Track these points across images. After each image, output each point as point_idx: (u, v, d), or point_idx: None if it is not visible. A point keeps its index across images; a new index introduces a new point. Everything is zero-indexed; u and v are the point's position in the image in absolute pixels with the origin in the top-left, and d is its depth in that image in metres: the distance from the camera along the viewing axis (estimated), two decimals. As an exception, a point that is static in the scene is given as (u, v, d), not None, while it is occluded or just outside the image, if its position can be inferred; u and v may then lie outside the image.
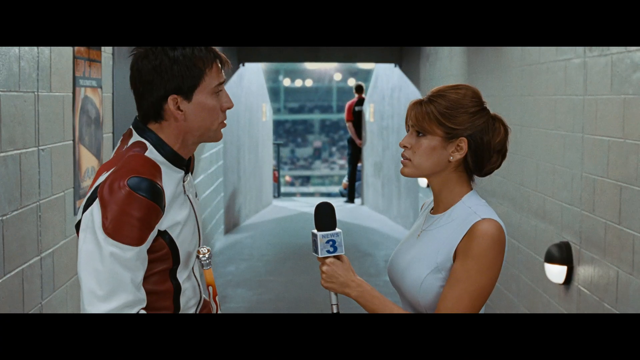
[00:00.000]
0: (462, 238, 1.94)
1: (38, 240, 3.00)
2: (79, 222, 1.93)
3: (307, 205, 13.17)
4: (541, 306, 4.62)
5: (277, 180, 15.04)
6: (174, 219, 1.95)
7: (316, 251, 2.01)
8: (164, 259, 1.96)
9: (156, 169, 1.92)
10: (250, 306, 6.50)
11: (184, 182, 2.03)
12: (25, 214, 2.86)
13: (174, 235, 1.96)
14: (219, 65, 2.00)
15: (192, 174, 2.19)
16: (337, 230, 2.02)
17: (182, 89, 1.95)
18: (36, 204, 2.98)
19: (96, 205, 1.86)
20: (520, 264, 5.03)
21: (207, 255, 2.05)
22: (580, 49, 4.01)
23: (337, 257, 2.02)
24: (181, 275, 2.02)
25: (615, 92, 3.57)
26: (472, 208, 1.98)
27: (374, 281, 7.13)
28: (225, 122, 2.04)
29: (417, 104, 2.03)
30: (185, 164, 2.04)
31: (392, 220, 11.10)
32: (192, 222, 2.05)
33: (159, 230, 1.92)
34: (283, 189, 16.05)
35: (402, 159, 2.04)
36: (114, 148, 4.14)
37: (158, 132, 1.98)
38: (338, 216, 2.05)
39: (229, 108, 2.03)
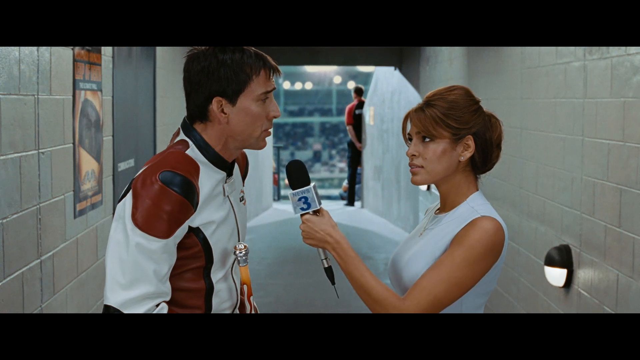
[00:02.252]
0: (459, 231, 1.96)
1: (38, 243, 3.00)
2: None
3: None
4: (541, 309, 4.62)
5: (277, 183, 15.04)
6: (208, 217, 1.97)
7: (295, 211, 2.00)
8: (197, 256, 1.98)
9: (194, 166, 1.95)
10: (250, 309, 6.48)
11: (225, 183, 2.05)
12: (25, 217, 2.86)
13: (207, 233, 1.98)
14: (268, 73, 2.01)
15: (244, 178, 2.22)
16: (308, 186, 1.99)
17: (226, 92, 1.97)
18: (36, 207, 2.97)
19: (129, 197, 1.90)
20: (520, 266, 5.03)
21: (243, 252, 2.04)
22: (580, 52, 4.01)
23: (317, 212, 2.00)
24: (215, 275, 2.03)
25: (615, 95, 3.57)
26: (475, 207, 2.00)
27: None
28: (270, 130, 2.05)
29: (418, 110, 2.04)
30: (228, 167, 2.06)
31: (392, 223, 11.10)
32: (230, 224, 2.06)
33: (191, 227, 1.94)
34: (283, 192, 16.05)
35: (411, 168, 2.04)
36: (113, 151, 4.15)
37: (202, 132, 2.01)
38: (338, 219, 2.05)
39: (275, 117, 2.04)
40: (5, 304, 2.66)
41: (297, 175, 2.01)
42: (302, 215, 1.99)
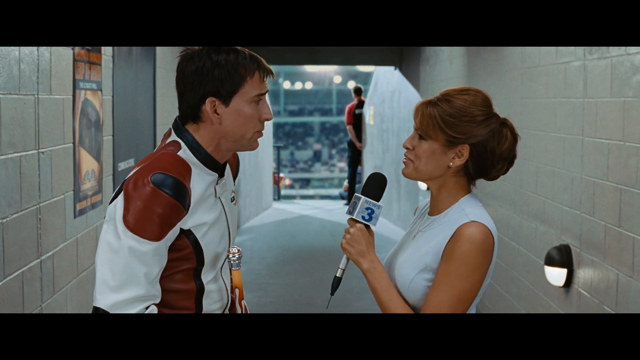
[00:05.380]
0: (449, 240, 1.93)
1: (38, 243, 3.00)
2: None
3: (307, 208, 13.16)
4: (541, 309, 4.62)
5: (277, 183, 15.04)
6: (200, 219, 1.97)
7: (352, 212, 2.02)
8: (188, 258, 1.98)
9: (186, 168, 1.94)
10: (250, 309, 6.45)
11: (216, 185, 2.04)
12: (25, 217, 2.86)
13: (198, 235, 1.97)
14: (262, 75, 2.01)
15: (235, 178, 2.22)
16: (380, 203, 2.03)
17: (220, 92, 1.97)
18: (36, 207, 2.97)
19: (120, 198, 1.89)
20: (520, 266, 5.03)
21: (237, 256, 2.05)
22: (580, 51, 4.01)
23: (367, 228, 2.02)
24: (206, 276, 2.03)
25: (615, 95, 3.57)
26: (465, 210, 1.97)
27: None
28: (262, 132, 2.05)
29: (425, 104, 2.00)
30: (220, 168, 2.05)
31: (392, 223, 11.10)
32: (221, 225, 2.06)
33: (182, 229, 1.94)
34: (283, 192, 16.05)
35: (404, 159, 2.04)
36: (113, 151, 4.15)
37: (194, 133, 2.00)
38: (338, 218, 2.05)
39: (267, 119, 2.04)
40: (5, 304, 2.66)
41: (378, 188, 2.03)
42: (355, 220, 2.01)
